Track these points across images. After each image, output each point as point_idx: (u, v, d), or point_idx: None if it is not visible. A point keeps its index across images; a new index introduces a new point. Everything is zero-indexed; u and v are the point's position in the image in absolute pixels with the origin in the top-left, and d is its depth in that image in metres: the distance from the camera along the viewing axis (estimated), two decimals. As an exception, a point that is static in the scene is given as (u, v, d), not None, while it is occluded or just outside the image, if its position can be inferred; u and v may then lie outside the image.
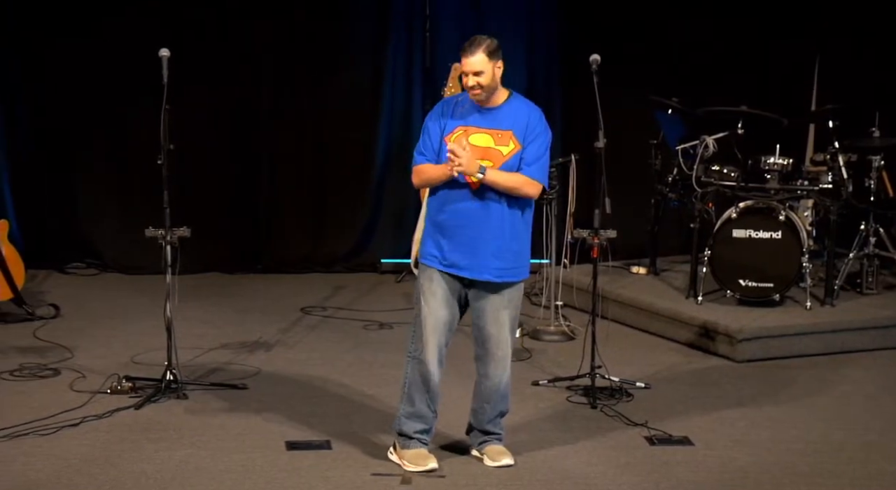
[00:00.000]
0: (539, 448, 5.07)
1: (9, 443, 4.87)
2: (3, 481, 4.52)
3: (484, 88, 4.58)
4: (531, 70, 8.40)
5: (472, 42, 4.59)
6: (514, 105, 4.65)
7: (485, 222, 4.59)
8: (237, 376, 5.89)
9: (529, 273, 4.76)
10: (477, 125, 4.62)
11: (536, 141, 4.61)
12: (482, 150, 4.58)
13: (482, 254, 4.60)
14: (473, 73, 4.56)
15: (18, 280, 6.80)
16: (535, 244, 7.63)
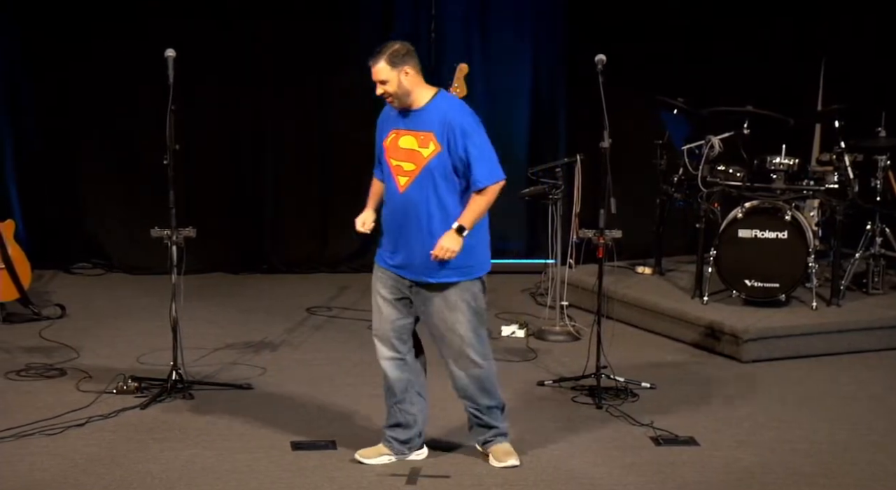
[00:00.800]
0: (544, 448, 5.06)
1: (15, 443, 4.88)
2: (10, 481, 4.53)
3: (393, 95, 4.60)
4: (536, 70, 8.40)
5: (378, 50, 4.61)
6: (435, 105, 4.61)
7: (417, 223, 4.60)
8: (242, 376, 5.90)
9: (479, 274, 4.64)
10: (405, 127, 4.65)
11: (469, 139, 4.54)
12: (407, 153, 4.61)
13: (418, 255, 4.62)
14: (379, 82, 4.60)
15: (25, 280, 6.81)
16: (540, 244, 7.71)
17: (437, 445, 5.01)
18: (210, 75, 7.90)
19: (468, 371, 4.74)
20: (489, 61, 8.32)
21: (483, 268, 4.70)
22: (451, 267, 4.60)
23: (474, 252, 4.65)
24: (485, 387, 4.79)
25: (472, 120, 4.60)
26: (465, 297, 4.64)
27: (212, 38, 7.97)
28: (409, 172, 4.60)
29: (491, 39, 8.33)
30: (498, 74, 8.35)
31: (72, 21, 7.85)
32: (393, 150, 4.64)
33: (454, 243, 4.53)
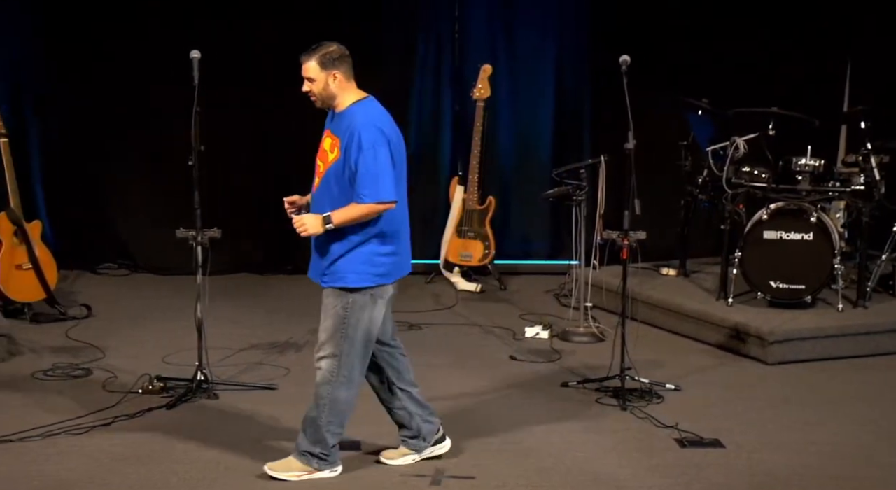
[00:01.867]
0: (568, 450, 5.05)
1: (42, 442, 4.91)
2: (37, 480, 4.56)
3: (316, 96, 4.59)
4: (560, 71, 8.39)
5: (312, 48, 4.59)
6: (350, 112, 4.56)
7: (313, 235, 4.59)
8: (267, 377, 5.91)
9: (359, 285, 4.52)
10: (328, 128, 4.66)
11: (360, 155, 4.44)
12: (322, 153, 4.63)
13: (313, 255, 4.65)
14: (307, 79, 4.60)
15: (51, 280, 6.86)
16: (564, 245, 7.70)
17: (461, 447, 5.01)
18: (235, 76, 7.93)
19: (318, 373, 4.63)
20: (513, 62, 8.32)
21: (365, 280, 4.54)
22: (335, 274, 4.55)
23: (364, 261, 4.53)
24: (318, 397, 4.60)
25: (369, 133, 4.46)
26: (336, 304, 4.56)
27: (237, 38, 8.00)
28: (320, 174, 4.61)
29: (515, 40, 8.33)
30: (522, 75, 8.34)
31: (96, 22, 7.89)
32: (320, 149, 4.66)
33: (313, 225, 4.48)
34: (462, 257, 8.03)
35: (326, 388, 4.59)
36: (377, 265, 4.56)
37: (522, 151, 8.48)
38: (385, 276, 4.60)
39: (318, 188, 4.61)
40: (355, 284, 4.55)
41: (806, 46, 8.27)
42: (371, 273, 4.55)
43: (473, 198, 7.96)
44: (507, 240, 8.36)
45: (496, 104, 8.23)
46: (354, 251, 4.54)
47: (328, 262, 4.56)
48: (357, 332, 4.56)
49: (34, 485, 4.52)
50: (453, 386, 5.90)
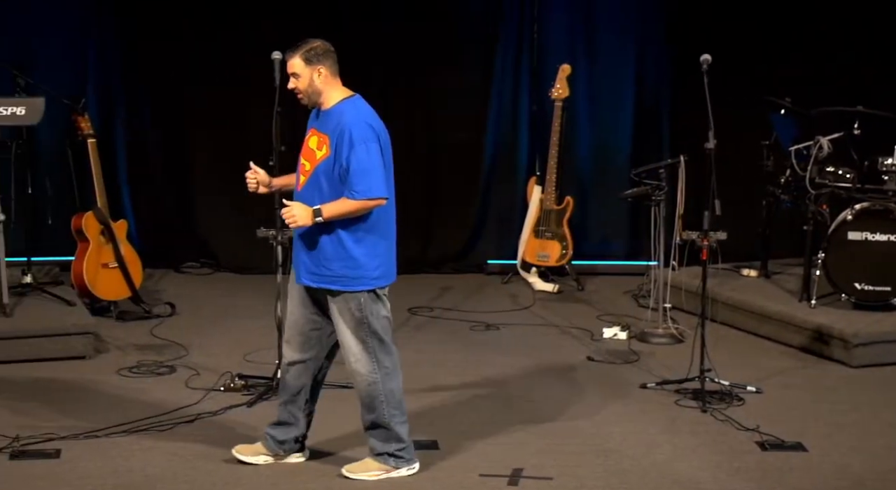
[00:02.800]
0: (647, 451, 5.02)
1: (128, 438, 5.01)
2: (125, 476, 4.64)
3: (302, 92, 4.56)
4: (639, 70, 8.32)
5: (296, 45, 4.57)
6: (338, 109, 4.54)
7: (302, 227, 4.53)
8: (346, 375, 5.93)
9: (361, 287, 4.51)
10: (314, 127, 4.62)
11: (352, 152, 4.43)
12: (308, 152, 4.59)
13: (300, 256, 4.59)
14: (291, 75, 4.57)
15: (136, 279, 6.98)
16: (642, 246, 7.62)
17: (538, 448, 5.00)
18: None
19: (357, 383, 4.63)
20: (592, 61, 8.27)
21: (373, 281, 4.54)
22: (330, 275, 4.51)
23: (363, 264, 4.51)
24: (371, 403, 4.61)
25: (360, 130, 4.46)
26: (348, 307, 4.54)
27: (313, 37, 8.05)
28: (306, 172, 4.58)
29: (594, 39, 8.28)
30: (601, 75, 8.29)
31: (181, 22, 7.99)
32: (304, 147, 4.62)
33: (303, 217, 4.41)
34: (539, 258, 8.01)
35: (376, 388, 4.59)
36: (373, 263, 4.54)
37: (600, 151, 8.43)
38: (382, 274, 4.59)
39: (304, 187, 4.58)
40: (362, 287, 4.53)
41: (891, 43, 8.09)
42: (370, 272, 4.55)
43: (551, 198, 7.94)
44: (585, 240, 8.32)
45: (574, 104, 8.19)
46: (353, 250, 4.51)
47: (326, 266, 4.51)
48: (377, 325, 4.58)
49: (120, 480, 4.60)
50: (530, 387, 5.88)
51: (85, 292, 6.81)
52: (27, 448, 4.81)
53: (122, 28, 8.01)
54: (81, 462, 4.74)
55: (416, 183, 8.42)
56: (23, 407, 5.38)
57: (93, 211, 6.87)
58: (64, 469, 4.67)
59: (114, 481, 4.58)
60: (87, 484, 4.54)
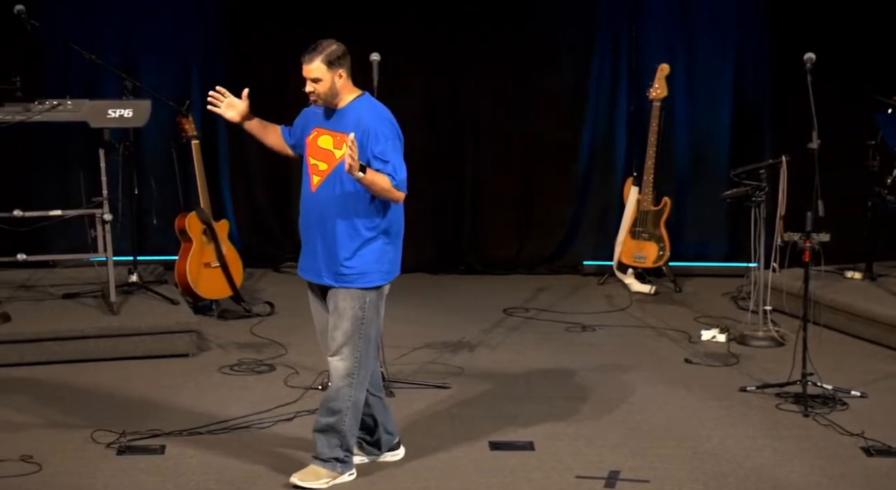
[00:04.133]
0: (747, 455, 4.94)
1: (229, 435, 5.10)
2: (227, 473, 4.73)
3: (320, 96, 4.51)
4: (740, 68, 8.20)
5: (313, 48, 4.50)
6: (355, 107, 4.52)
7: (322, 225, 4.51)
8: (440, 375, 5.98)
9: (371, 284, 4.49)
10: (325, 127, 4.56)
11: (381, 146, 4.43)
12: (324, 152, 4.53)
13: (318, 256, 4.53)
14: (311, 80, 4.50)
15: (237, 278, 7.10)
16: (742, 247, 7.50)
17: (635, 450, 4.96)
18: (411, 77, 8.04)
19: (335, 377, 4.56)
20: (691, 61, 8.18)
21: (378, 278, 4.53)
22: (349, 273, 4.48)
23: (377, 260, 4.51)
24: (334, 407, 4.54)
25: (388, 127, 4.48)
26: (352, 305, 4.50)
27: (413, 40, 8.11)
28: (322, 172, 4.52)
29: (693, 38, 8.19)
30: (700, 74, 8.20)
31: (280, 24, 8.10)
32: (312, 147, 4.57)
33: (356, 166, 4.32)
34: (636, 259, 7.94)
35: (347, 392, 4.54)
36: (386, 262, 4.55)
37: (699, 151, 8.33)
38: (390, 273, 4.59)
39: (319, 188, 4.53)
40: (373, 283, 4.52)
41: None
42: (383, 271, 4.55)
43: (648, 199, 7.87)
44: (683, 241, 8.23)
45: (673, 104, 8.11)
46: (369, 247, 4.50)
47: (343, 260, 4.48)
48: (372, 331, 4.57)
49: (222, 476, 4.69)
50: (627, 388, 5.84)
51: (188, 291, 6.95)
52: (133, 444, 4.93)
53: (225, 32, 8.15)
54: (185, 458, 4.84)
55: (512, 183, 8.43)
56: (128, 404, 5.52)
57: (196, 211, 7.01)
58: (168, 465, 4.78)
59: (216, 477, 4.67)
60: (190, 480, 4.64)
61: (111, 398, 5.59)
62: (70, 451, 4.87)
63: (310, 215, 4.57)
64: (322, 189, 4.53)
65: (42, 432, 5.08)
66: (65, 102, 6.36)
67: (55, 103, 6.34)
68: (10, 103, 6.23)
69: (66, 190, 7.43)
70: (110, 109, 6.45)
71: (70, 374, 5.94)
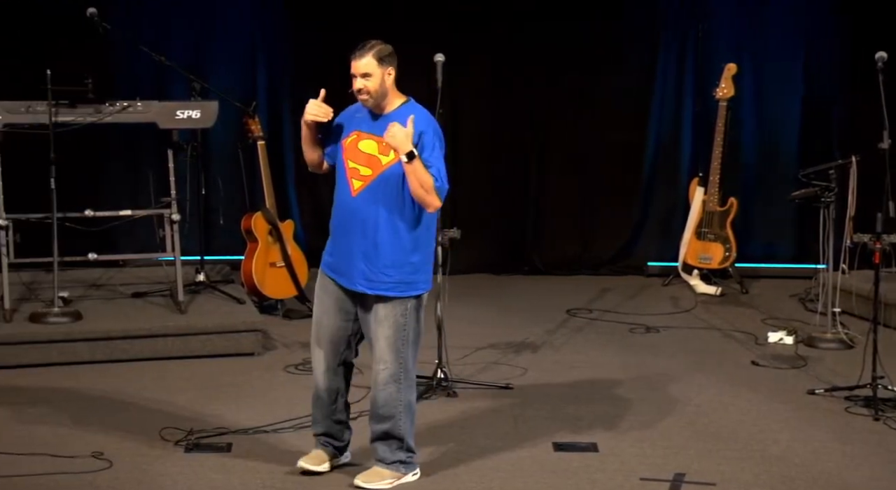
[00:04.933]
0: (815, 459, 4.88)
1: (294, 434, 5.13)
2: (291, 470, 4.75)
3: (371, 93, 4.44)
4: (809, 68, 8.12)
5: (363, 46, 4.45)
6: (403, 112, 4.45)
7: (363, 231, 4.44)
8: (504, 376, 5.98)
9: (417, 292, 4.46)
10: (368, 131, 4.49)
11: (433, 153, 4.39)
12: (367, 157, 4.46)
13: (354, 262, 4.47)
14: (361, 76, 4.44)
15: (302, 278, 7.15)
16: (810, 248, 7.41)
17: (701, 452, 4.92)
18: (474, 78, 8.06)
19: (378, 391, 4.52)
20: (759, 60, 8.11)
21: (423, 285, 4.51)
22: (388, 282, 4.44)
23: (418, 269, 4.47)
24: (389, 413, 4.52)
25: (436, 136, 4.45)
26: (394, 313, 4.46)
27: (476, 40, 8.12)
28: (365, 177, 4.46)
29: (762, 37, 8.12)
30: (768, 73, 8.11)
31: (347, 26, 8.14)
32: (351, 151, 4.51)
33: (404, 143, 4.30)
34: (701, 260, 7.88)
35: (397, 397, 4.52)
36: (426, 271, 4.54)
37: (766, 151, 8.25)
38: (428, 282, 4.56)
39: (361, 193, 4.46)
40: (415, 292, 4.49)
41: None
42: (423, 280, 4.53)
43: (714, 199, 7.80)
44: (750, 242, 8.15)
45: (740, 103, 8.04)
46: (411, 256, 4.47)
47: (384, 268, 4.44)
48: (417, 336, 4.55)
49: (288, 474, 4.72)
50: (692, 390, 5.79)
51: (253, 291, 7.02)
52: (200, 442, 4.99)
53: (290, 33, 8.23)
54: (251, 456, 4.88)
55: (577, 183, 8.41)
56: (196, 401, 5.59)
57: (262, 211, 7.08)
58: (235, 462, 4.82)
59: (281, 475, 4.70)
60: (257, 477, 4.68)
61: (179, 396, 5.67)
62: (139, 448, 4.95)
63: (349, 220, 4.49)
64: (365, 194, 4.47)
65: (112, 429, 5.16)
66: (135, 104, 6.46)
67: (125, 105, 6.44)
68: (81, 105, 6.34)
69: (136, 190, 7.55)
70: (179, 111, 6.54)
71: (139, 373, 6.04)
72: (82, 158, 7.55)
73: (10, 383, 5.83)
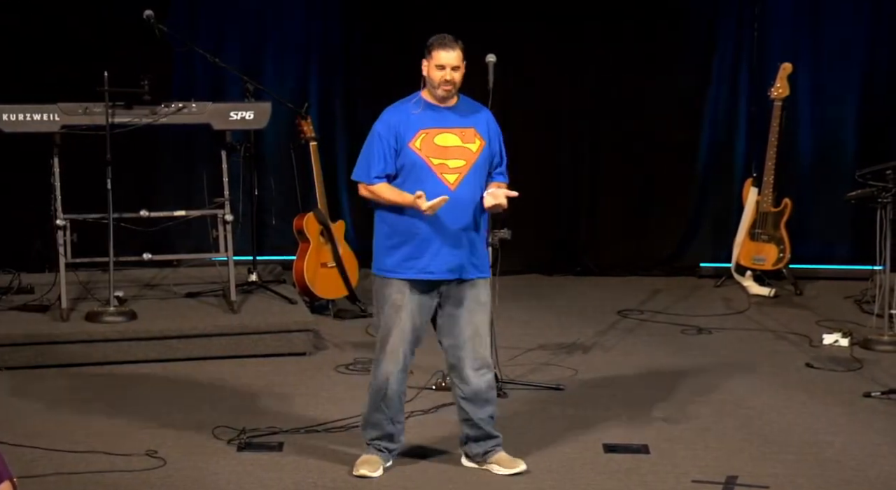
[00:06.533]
0: (873, 462, 4.81)
1: (346, 433, 5.15)
2: (342, 470, 4.77)
3: (455, 85, 4.52)
4: (867, 67, 8.02)
5: (446, 38, 4.52)
6: (468, 103, 4.62)
7: (467, 219, 4.57)
8: (555, 377, 5.96)
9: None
10: (438, 126, 4.52)
11: (500, 142, 4.65)
12: (453, 150, 4.50)
13: (461, 252, 4.57)
14: (452, 68, 4.48)
15: (353, 278, 7.19)
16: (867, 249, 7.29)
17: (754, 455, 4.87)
18: (528, 78, 8.04)
19: (487, 376, 4.63)
20: (816, 59, 8.03)
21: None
22: (483, 264, 4.61)
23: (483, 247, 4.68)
24: (491, 392, 4.69)
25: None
26: (487, 292, 4.61)
27: (531, 40, 8.10)
28: (459, 169, 4.52)
29: (818, 36, 8.03)
30: (825, 72, 8.03)
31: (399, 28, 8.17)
32: (429, 149, 4.51)
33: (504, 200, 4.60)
34: (755, 261, 7.80)
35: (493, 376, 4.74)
36: None
37: (822, 152, 8.15)
38: None
39: (462, 184, 4.54)
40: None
41: None
42: None
43: (768, 200, 7.72)
44: (805, 243, 8.05)
45: (795, 103, 7.96)
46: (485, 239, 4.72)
47: (480, 256, 4.62)
48: None
49: (338, 474, 4.73)
50: (745, 392, 5.74)
51: (305, 291, 7.07)
52: (253, 441, 5.02)
53: (343, 35, 8.26)
54: (303, 455, 4.91)
55: (630, 183, 8.36)
56: (248, 401, 5.64)
57: (313, 212, 7.12)
58: (286, 462, 4.86)
59: (332, 475, 4.73)
60: (308, 477, 4.71)
61: (231, 395, 5.72)
62: (192, 446, 5.00)
63: (450, 214, 4.54)
64: (464, 185, 4.56)
65: (166, 428, 5.22)
66: (189, 105, 6.53)
67: (180, 106, 6.51)
68: (137, 106, 6.42)
69: (190, 191, 7.63)
70: (232, 112, 6.60)
71: (192, 371, 6.10)
72: (138, 159, 7.64)
73: (66, 382, 5.92)
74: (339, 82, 8.33)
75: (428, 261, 4.57)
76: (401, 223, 4.58)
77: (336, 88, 8.33)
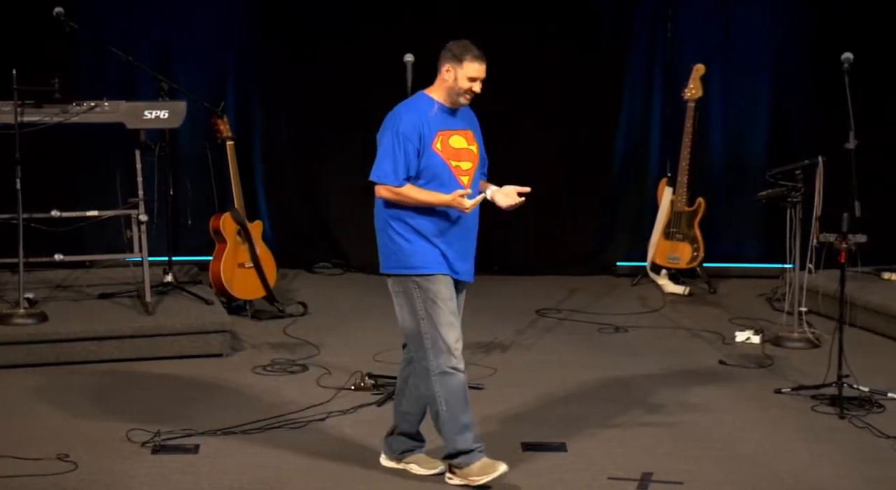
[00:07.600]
0: (783, 458, 4.91)
1: (263, 435, 5.12)
2: (259, 471, 4.74)
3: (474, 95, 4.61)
4: (778, 68, 8.16)
5: (477, 49, 4.59)
6: (466, 108, 4.69)
7: (475, 221, 4.66)
8: (474, 376, 5.96)
9: None
10: (451, 128, 4.59)
11: (482, 143, 4.69)
12: (463, 152, 4.58)
13: (472, 254, 4.69)
14: (480, 80, 4.58)
15: (271, 279, 7.13)
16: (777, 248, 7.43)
17: (670, 452, 4.93)
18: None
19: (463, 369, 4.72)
20: (727, 61, 8.15)
21: None
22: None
23: None
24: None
25: None
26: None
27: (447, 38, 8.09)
28: (468, 171, 4.60)
29: (730, 38, 8.16)
30: (736, 74, 8.16)
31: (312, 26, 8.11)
32: (447, 151, 4.57)
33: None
34: (670, 259, 7.91)
35: None
36: None
37: (734, 152, 8.29)
38: None
39: (472, 186, 4.62)
40: None
41: None
42: None
43: (682, 199, 7.83)
44: (717, 242, 8.18)
45: (708, 104, 8.07)
46: None
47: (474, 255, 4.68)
48: None
49: (255, 476, 4.70)
50: (660, 390, 5.82)
51: (222, 291, 6.99)
52: (167, 443, 4.96)
53: (259, 34, 8.19)
54: (219, 457, 4.87)
55: (546, 183, 8.38)
56: (163, 403, 5.56)
57: (230, 212, 7.05)
58: (202, 463, 4.80)
59: (249, 476, 4.69)
60: (224, 479, 4.66)
61: (146, 397, 5.63)
62: (105, 449, 4.91)
63: (468, 218, 4.58)
64: (473, 187, 4.61)
65: (78, 431, 5.13)
66: (102, 104, 6.42)
67: (92, 105, 6.40)
68: (48, 105, 6.29)
69: (103, 190, 7.48)
70: (146, 111, 6.51)
71: (106, 374, 5.99)
72: (49, 159, 7.48)
73: (-26, 385, 5.78)
74: (255, 82, 8.25)
75: (452, 261, 4.62)
76: (427, 224, 4.54)
77: (252, 88, 8.25)
